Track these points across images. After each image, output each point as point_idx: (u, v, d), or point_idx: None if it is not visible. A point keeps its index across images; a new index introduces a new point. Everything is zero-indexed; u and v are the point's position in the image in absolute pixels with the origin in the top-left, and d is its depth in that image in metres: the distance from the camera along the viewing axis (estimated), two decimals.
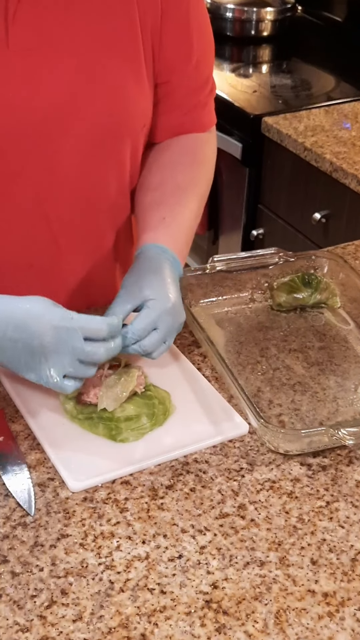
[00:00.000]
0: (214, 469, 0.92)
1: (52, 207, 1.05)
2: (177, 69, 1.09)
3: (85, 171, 1.05)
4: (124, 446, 0.94)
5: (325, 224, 2.00)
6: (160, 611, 0.77)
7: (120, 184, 1.11)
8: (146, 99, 1.07)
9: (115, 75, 1.01)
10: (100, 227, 1.13)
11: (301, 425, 0.99)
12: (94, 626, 0.75)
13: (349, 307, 1.19)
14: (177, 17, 1.05)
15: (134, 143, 1.09)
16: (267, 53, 2.62)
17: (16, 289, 1.08)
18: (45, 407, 0.99)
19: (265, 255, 1.22)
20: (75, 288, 1.16)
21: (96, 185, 1.08)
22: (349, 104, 2.20)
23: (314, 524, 0.86)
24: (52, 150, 1.00)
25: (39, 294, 1.08)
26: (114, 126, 1.03)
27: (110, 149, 1.05)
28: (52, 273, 1.12)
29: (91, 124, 1.01)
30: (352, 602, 0.79)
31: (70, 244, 1.10)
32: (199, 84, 1.14)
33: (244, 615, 0.77)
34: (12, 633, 0.75)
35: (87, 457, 0.92)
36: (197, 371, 1.06)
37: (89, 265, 1.16)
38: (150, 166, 1.15)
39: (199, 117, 1.17)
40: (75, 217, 1.08)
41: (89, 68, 0.99)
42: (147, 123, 1.11)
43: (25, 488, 0.88)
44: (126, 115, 1.04)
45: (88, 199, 1.08)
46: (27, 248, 1.08)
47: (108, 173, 1.08)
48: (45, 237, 1.08)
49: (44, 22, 0.96)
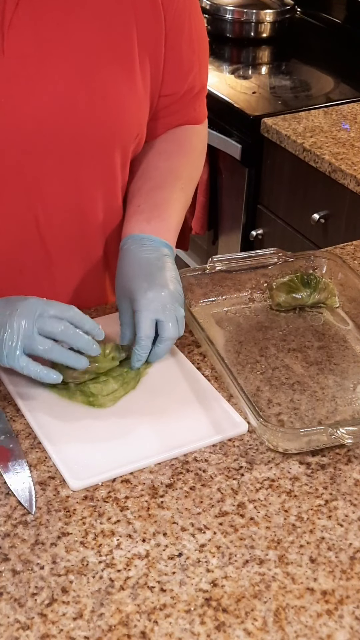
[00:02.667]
0: (213, 468, 0.93)
1: (42, 212, 1.05)
2: (182, 81, 1.11)
3: (75, 178, 1.05)
4: (125, 445, 0.94)
5: (324, 225, 2.00)
6: (160, 609, 0.77)
7: (110, 193, 1.12)
8: (141, 109, 1.07)
9: (111, 84, 1.01)
10: (90, 234, 1.13)
11: (300, 424, 0.99)
12: (94, 624, 0.76)
13: (348, 307, 1.20)
14: (179, 30, 1.06)
15: (124, 152, 1.09)
16: (266, 54, 2.62)
17: (7, 294, 1.09)
18: (46, 406, 0.99)
19: (265, 256, 1.22)
20: (65, 293, 1.16)
21: (85, 192, 1.08)
22: (347, 105, 2.20)
23: (313, 523, 0.87)
24: (43, 156, 1.00)
25: None
26: (107, 134, 1.04)
27: (101, 157, 1.06)
28: (42, 278, 1.12)
29: (84, 131, 1.01)
30: (351, 600, 0.79)
31: (60, 250, 1.11)
32: (200, 89, 1.17)
33: (243, 613, 0.77)
34: (12, 631, 0.75)
35: (87, 455, 0.93)
36: (196, 371, 1.06)
37: (80, 271, 1.16)
38: (137, 156, 1.16)
39: (192, 114, 1.19)
40: (65, 224, 1.09)
41: (85, 76, 0.99)
42: (141, 134, 1.11)
43: (26, 487, 0.89)
44: (120, 124, 1.05)
45: (78, 206, 1.08)
46: (17, 253, 1.08)
47: (98, 181, 1.08)
48: (35, 242, 1.08)
49: (41, 29, 0.96)
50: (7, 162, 0.99)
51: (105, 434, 0.96)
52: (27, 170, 1.01)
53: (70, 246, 1.12)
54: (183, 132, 1.19)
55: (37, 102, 0.97)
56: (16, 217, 1.05)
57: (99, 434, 0.96)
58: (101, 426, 0.97)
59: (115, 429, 0.97)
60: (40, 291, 1.11)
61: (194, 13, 1.10)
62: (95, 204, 1.10)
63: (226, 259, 1.20)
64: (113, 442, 0.95)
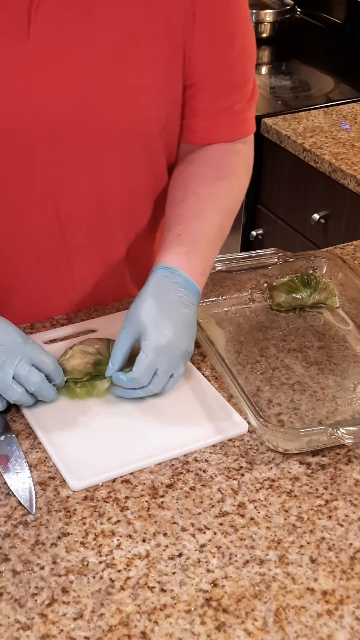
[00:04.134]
0: (213, 468, 0.93)
1: (62, 202, 1.04)
2: (205, 71, 1.05)
3: (95, 169, 1.03)
4: (125, 445, 0.94)
5: (324, 225, 2.00)
6: (160, 609, 0.77)
7: (132, 187, 1.09)
8: (166, 101, 1.04)
9: (134, 75, 0.99)
10: (110, 227, 1.11)
11: (300, 424, 0.99)
12: (94, 624, 0.76)
13: (348, 307, 1.20)
14: (209, 18, 1.00)
15: (149, 146, 1.06)
16: (266, 54, 2.62)
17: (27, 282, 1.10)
18: (46, 406, 0.99)
19: (265, 256, 1.22)
20: (83, 285, 1.15)
21: (106, 185, 1.06)
22: (347, 105, 2.20)
23: (313, 523, 0.87)
24: (63, 145, 0.99)
25: (47, 289, 1.12)
26: (127, 125, 1.01)
27: (122, 148, 1.03)
28: (60, 268, 1.11)
29: (105, 123, 0.99)
30: (351, 600, 0.79)
31: (79, 241, 1.10)
32: (227, 88, 1.08)
33: (243, 613, 0.77)
34: (13, 631, 0.75)
35: (87, 456, 0.93)
36: (196, 371, 1.06)
37: (99, 263, 1.15)
38: (175, 180, 1.12)
39: (227, 124, 1.11)
40: (85, 215, 1.07)
41: (109, 66, 0.97)
42: (168, 127, 1.07)
43: (27, 487, 0.89)
44: (142, 116, 1.02)
45: (98, 198, 1.07)
46: (35, 240, 1.07)
47: (118, 174, 1.06)
48: (55, 232, 1.07)
49: (68, 16, 0.94)
50: (28, 150, 0.98)
51: (105, 434, 0.96)
52: (48, 159, 0.99)
53: (89, 238, 1.10)
54: (219, 152, 1.12)
55: (57, 89, 0.95)
56: (37, 206, 1.03)
57: (99, 434, 0.96)
58: (101, 426, 0.97)
59: (116, 429, 0.97)
60: (57, 280, 1.12)
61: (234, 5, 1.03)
62: (115, 197, 1.08)
63: (226, 259, 1.20)
64: (113, 442, 0.95)
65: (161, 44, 0.99)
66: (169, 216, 1.08)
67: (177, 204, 1.08)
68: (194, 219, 1.05)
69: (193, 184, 1.09)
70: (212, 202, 1.07)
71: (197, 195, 1.07)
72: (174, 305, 0.98)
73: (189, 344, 0.99)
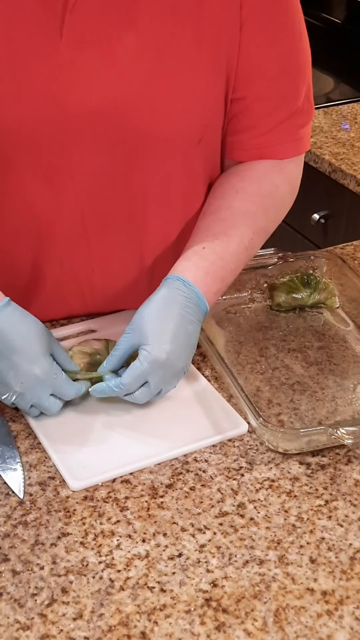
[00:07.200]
0: (213, 468, 0.93)
1: (88, 206, 1.01)
2: (253, 85, 1.00)
3: (124, 176, 1.00)
4: (124, 445, 0.95)
5: (324, 225, 2.00)
6: (160, 609, 0.77)
7: (163, 200, 1.04)
8: (204, 111, 0.99)
9: (169, 81, 0.94)
10: (136, 238, 1.07)
11: (300, 424, 0.99)
12: (94, 624, 0.76)
13: (348, 307, 1.20)
14: (257, 29, 0.96)
15: (185, 157, 1.01)
16: None
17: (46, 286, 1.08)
18: None
19: (265, 256, 1.22)
20: (103, 292, 1.12)
21: (135, 196, 1.02)
22: (347, 105, 2.20)
23: (313, 523, 0.87)
24: (91, 150, 0.96)
25: (66, 293, 1.11)
26: (162, 135, 0.97)
27: (156, 159, 0.99)
28: (80, 274, 1.08)
29: (135, 130, 0.95)
30: (351, 600, 0.79)
31: (102, 247, 1.06)
32: (279, 103, 1.03)
33: (243, 613, 0.77)
34: (12, 631, 0.75)
35: (87, 456, 0.93)
36: (196, 371, 1.06)
37: (120, 271, 1.10)
38: (214, 190, 1.07)
39: (277, 142, 1.06)
40: (111, 223, 1.04)
41: (144, 72, 0.93)
42: (206, 139, 1.02)
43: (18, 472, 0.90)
44: (178, 125, 0.97)
45: (126, 208, 1.03)
46: (61, 246, 1.05)
47: (149, 184, 1.01)
48: (79, 235, 1.04)
49: (105, 17, 0.90)
50: (54, 151, 0.95)
51: (105, 434, 0.96)
52: (74, 162, 0.96)
53: (113, 246, 1.06)
54: (263, 168, 1.06)
55: (88, 92, 0.91)
56: (66, 210, 1.00)
57: (99, 434, 0.96)
58: (101, 426, 0.97)
59: (115, 429, 0.97)
60: (77, 285, 1.09)
61: (287, 12, 0.98)
62: (145, 209, 1.04)
63: None
64: (113, 442, 0.95)
65: (203, 52, 0.94)
66: (199, 224, 1.04)
67: (210, 213, 1.04)
68: (223, 234, 1.01)
69: (230, 197, 1.04)
70: (245, 219, 1.03)
71: (231, 209, 1.03)
72: (180, 321, 0.95)
73: (187, 361, 0.97)
